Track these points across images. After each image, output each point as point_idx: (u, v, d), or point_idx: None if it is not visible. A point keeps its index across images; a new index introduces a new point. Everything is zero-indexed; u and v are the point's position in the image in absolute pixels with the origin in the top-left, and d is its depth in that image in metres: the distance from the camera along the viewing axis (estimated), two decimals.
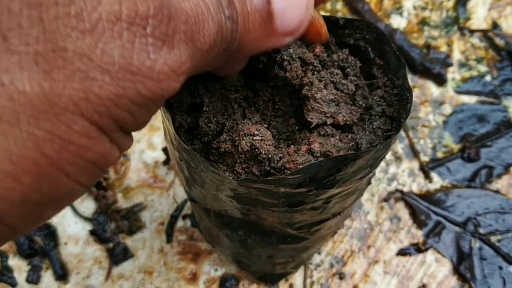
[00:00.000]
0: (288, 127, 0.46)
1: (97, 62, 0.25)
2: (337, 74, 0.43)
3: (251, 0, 0.32)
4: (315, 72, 0.44)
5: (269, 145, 0.40)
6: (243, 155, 0.39)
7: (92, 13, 0.25)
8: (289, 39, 0.35)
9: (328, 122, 0.43)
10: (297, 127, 0.46)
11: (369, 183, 0.50)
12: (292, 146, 0.42)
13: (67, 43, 0.24)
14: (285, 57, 0.43)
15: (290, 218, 0.45)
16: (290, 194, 0.40)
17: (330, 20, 0.45)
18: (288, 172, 0.38)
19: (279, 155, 0.40)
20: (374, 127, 0.43)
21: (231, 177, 0.40)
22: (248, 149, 0.39)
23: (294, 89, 0.44)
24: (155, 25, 0.27)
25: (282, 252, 0.55)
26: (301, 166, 0.38)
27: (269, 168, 0.40)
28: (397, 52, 0.42)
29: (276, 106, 0.47)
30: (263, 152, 0.39)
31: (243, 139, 0.39)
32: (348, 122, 0.44)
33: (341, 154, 0.41)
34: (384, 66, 0.44)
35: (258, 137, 0.39)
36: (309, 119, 0.43)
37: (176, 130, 0.40)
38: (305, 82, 0.43)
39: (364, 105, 0.44)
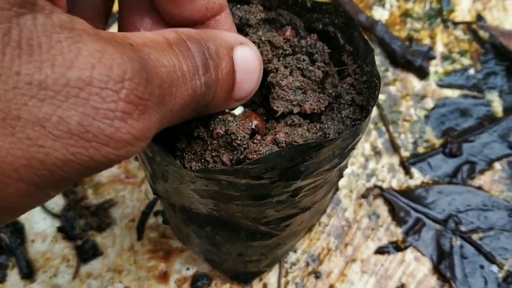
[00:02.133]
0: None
1: (50, 129, 0.25)
2: (303, 60, 0.41)
3: (222, 69, 0.34)
4: (281, 58, 0.42)
5: (245, 132, 0.38)
6: (215, 141, 0.37)
7: (58, 79, 0.25)
8: (239, 104, 0.38)
9: (295, 111, 0.41)
10: (265, 117, 0.44)
11: (340, 176, 0.48)
12: (257, 135, 0.40)
13: (21, 112, 0.24)
14: (255, 39, 0.41)
15: (256, 212, 0.43)
16: (253, 186, 0.37)
17: (298, 3, 0.43)
18: None
19: (248, 143, 0.38)
20: (343, 116, 0.41)
21: (188, 168, 0.38)
22: (223, 133, 0.37)
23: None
24: (132, 87, 0.27)
25: (252, 249, 0.52)
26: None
27: (242, 157, 0.38)
28: (365, 37, 0.40)
29: None
30: (239, 138, 0.37)
31: (218, 124, 0.37)
32: (316, 111, 0.42)
33: (310, 141, 0.39)
34: (353, 52, 0.42)
35: (232, 123, 0.37)
36: (274, 108, 0.41)
37: None
38: (270, 68, 0.41)
39: (333, 93, 0.42)
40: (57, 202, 0.67)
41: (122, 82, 0.26)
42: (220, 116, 0.37)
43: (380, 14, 0.80)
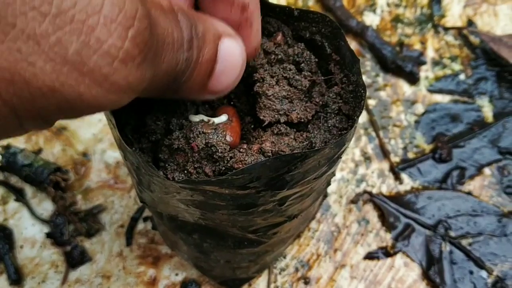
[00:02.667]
0: (244, 125, 0.44)
1: (45, 49, 0.23)
2: (290, 70, 0.41)
3: (204, 53, 0.33)
4: (269, 66, 0.42)
5: (225, 143, 0.37)
6: (196, 154, 0.37)
7: None
8: (212, 96, 0.37)
9: (282, 120, 0.41)
10: (252, 126, 0.44)
11: (328, 183, 0.48)
12: (244, 145, 0.40)
13: (18, 20, 0.22)
14: None
15: (243, 221, 0.42)
16: (238, 196, 0.37)
17: (285, 11, 0.43)
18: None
19: (230, 154, 0.38)
20: (329, 125, 0.41)
21: (170, 179, 0.37)
22: (203, 146, 0.37)
23: (250, 86, 0.42)
24: (140, 29, 0.25)
25: (240, 256, 0.52)
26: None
27: (224, 168, 0.38)
28: (351, 47, 0.40)
29: (232, 103, 0.45)
30: (219, 150, 0.37)
31: (198, 137, 0.37)
32: (303, 120, 0.42)
33: (295, 152, 0.38)
34: (340, 61, 0.42)
35: (213, 136, 0.37)
36: (261, 117, 0.41)
37: (118, 127, 0.38)
38: (256, 78, 0.41)
39: (320, 102, 0.42)
40: (46, 208, 0.66)
41: (133, 19, 0.25)
42: (200, 129, 0.37)
43: (371, 19, 0.80)
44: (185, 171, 0.38)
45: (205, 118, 0.40)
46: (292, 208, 0.43)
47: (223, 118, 0.40)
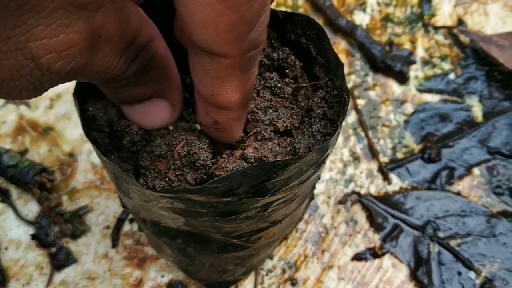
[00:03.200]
0: None
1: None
2: (271, 78, 0.40)
3: (140, 89, 0.35)
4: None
5: (207, 151, 0.37)
6: (178, 161, 0.37)
7: None
8: None
9: (269, 130, 0.41)
10: None
11: (313, 188, 0.47)
12: (227, 150, 0.39)
13: None
14: None
15: (226, 227, 0.42)
16: (219, 203, 0.37)
17: (270, 13, 0.42)
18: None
19: (213, 160, 0.37)
20: (313, 130, 0.41)
21: (151, 187, 0.37)
22: (185, 153, 0.36)
23: None
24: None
25: (225, 260, 0.52)
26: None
27: (205, 176, 0.37)
28: (335, 51, 0.39)
29: None
30: (201, 158, 0.36)
31: (180, 144, 0.36)
32: (289, 127, 0.41)
33: (276, 159, 0.38)
34: (325, 65, 0.41)
35: (195, 143, 0.37)
36: (247, 129, 0.41)
37: (88, 134, 0.37)
38: None
39: (305, 106, 0.42)
40: (31, 209, 0.66)
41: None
42: (183, 135, 0.37)
43: (361, 18, 0.80)
44: (167, 179, 0.38)
45: (186, 124, 0.39)
46: (275, 214, 0.43)
47: None
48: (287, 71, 0.42)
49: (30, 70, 0.27)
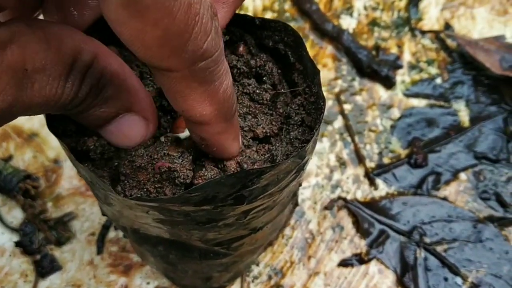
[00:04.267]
0: None
1: None
2: (249, 85, 0.40)
3: (98, 112, 0.35)
4: (236, 78, 0.41)
5: (189, 169, 0.36)
6: (158, 175, 0.36)
7: None
8: None
9: (248, 136, 0.40)
10: None
11: (294, 194, 0.47)
12: (209, 160, 0.39)
13: None
14: None
15: (204, 235, 0.42)
16: (195, 211, 0.36)
17: (246, 20, 0.42)
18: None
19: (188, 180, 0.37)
20: (291, 137, 0.40)
21: (128, 195, 0.37)
22: (166, 169, 0.36)
23: None
24: None
25: (208, 268, 0.52)
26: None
27: (184, 188, 0.37)
28: (311, 57, 0.39)
29: None
30: (182, 176, 0.36)
31: (162, 158, 0.36)
32: (268, 134, 0.41)
33: (251, 168, 0.38)
34: (303, 71, 0.41)
35: (178, 160, 0.36)
36: None
37: (59, 137, 0.37)
38: None
39: (284, 113, 0.42)
40: (15, 216, 0.65)
41: None
42: (166, 150, 0.36)
43: (347, 22, 0.80)
44: (145, 189, 0.37)
45: (170, 135, 0.39)
46: (256, 221, 0.42)
47: (187, 133, 0.39)
48: (264, 78, 0.42)
49: None
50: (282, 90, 0.42)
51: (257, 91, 0.41)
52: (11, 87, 0.28)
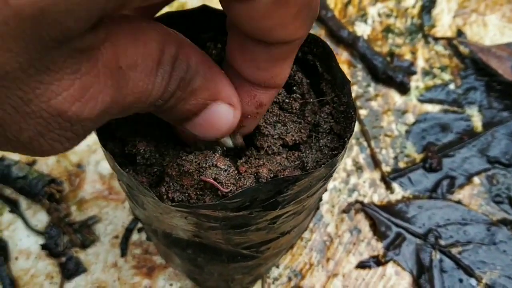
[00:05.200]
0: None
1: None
2: (279, 94, 0.42)
3: (184, 105, 0.34)
4: None
5: (232, 183, 0.38)
6: (202, 182, 0.38)
7: None
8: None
9: (278, 144, 0.42)
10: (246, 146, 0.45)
11: (320, 199, 0.48)
12: (241, 167, 0.41)
13: None
14: None
15: (236, 239, 0.43)
16: (231, 217, 0.38)
17: None
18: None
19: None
20: (321, 145, 0.42)
21: (170, 198, 0.38)
22: (212, 180, 0.37)
23: None
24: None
25: (234, 270, 0.53)
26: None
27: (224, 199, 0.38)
28: (341, 69, 0.40)
29: None
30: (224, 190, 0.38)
31: (209, 169, 0.37)
32: (298, 141, 0.42)
33: (284, 175, 0.39)
34: (332, 81, 0.43)
35: (224, 173, 0.38)
36: (258, 145, 0.42)
37: (104, 146, 0.39)
38: None
39: (312, 121, 0.43)
40: (40, 219, 0.67)
41: None
42: (214, 161, 0.37)
43: (362, 29, 0.81)
44: (186, 194, 0.39)
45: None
46: (284, 225, 0.44)
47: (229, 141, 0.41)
48: (294, 87, 0.43)
49: (58, 124, 0.27)
50: (311, 99, 0.43)
51: (287, 100, 0.42)
52: (109, 87, 0.28)
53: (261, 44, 0.32)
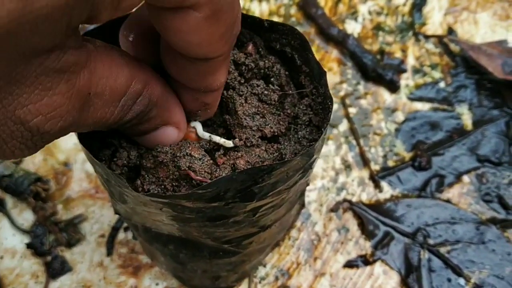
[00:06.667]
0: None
1: None
2: (258, 86, 0.42)
3: (140, 128, 0.37)
4: (236, 85, 0.42)
5: (207, 172, 0.38)
6: (177, 173, 0.38)
7: None
8: None
9: (256, 136, 0.42)
10: (226, 137, 0.44)
11: (302, 193, 0.48)
12: (219, 159, 0.40)
13: None
14: None
15: (215, 232, 0.43)
16: (207, 208, 0.38)
17: (256, 21, 0.43)
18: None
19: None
20: (299, 137, 0.42)
21: (146, 190, 0.38)
22: (186, 169, 0.37)
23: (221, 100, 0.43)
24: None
25: (217, 266, 0.53)
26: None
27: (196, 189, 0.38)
28: (317, 60, 0.40)
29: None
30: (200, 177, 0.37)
31: (183, 158, 0.37)
32: (276, 133, 0.42)
33: (262, 165, 0.39)
34: (310, 73, 0.42)
35: (198, 161, 0.38)
36: (236, 136, 0.42)
37: (80, 139, 0.38)
38: (225, 98, 0.42)
39: (292, 113, 0.43)
40: (26, 218, 0.67)
41: None
42: (188, 150, 0.38)
43: (352, 27, 0.81)
44: (162, 186, 0.39)
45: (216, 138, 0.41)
46: (264, 219, 0.44)
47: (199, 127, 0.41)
48: (272, 79, 0.43)
49: (21, 133, 0.28)
50: (290, 91, 0.43)
51: (265, 92, 0.42)
52: (75, 110, 0.29)
53: (189, 59, 0.34)
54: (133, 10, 0.32)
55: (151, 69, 0.36)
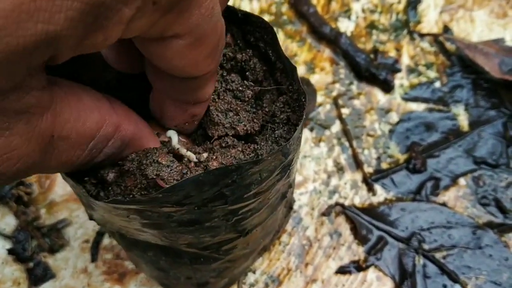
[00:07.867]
0: (196, 137, 0.42)
1: None
2: (233, 81, 0.40)
3: (116, 160, 0.36)
4: (224, 66, 0.41)
5: (176, 179, 0.36)
6: (145, 181, 0.35)
7: None
8: None
9: (229, 133, 0.40)
10: (203, 138, 0.42)
11: (284, 197, 0.46)
12: (191, 162, 0.38)
13: None
14: None
15: (189, 238, 0.41)
16: (176, 212, 0.35)
17: (230, 11, 0.41)
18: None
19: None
20: (276, 136, 0.40)
21: (103, 198, 0.36)
22: (154, 177, 0.35)
23: None
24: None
25: (200, 273, 0.51)
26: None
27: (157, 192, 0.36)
28: (286, 55, 0.38)
29: None
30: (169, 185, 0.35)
31: (150, 166, 0.35)
32: (249, 132, 0.40)
33: (228, 164, 0.37)
34: (284, 69, 0.40)
35: (166, 169, 0.35)
36: (209, 134, 0.40)
37: None
38: None
39: (270, 111, 0.41)
40: (8, 223, 0.65)
41: None
42: (155, 157, 0.35)
43: (345, 25, 0.79)
44: (131, 196, 0.36)
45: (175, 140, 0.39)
46: (243, 223, 0.41)
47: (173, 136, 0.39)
48: (247, 73, 0.41)
49: None
50: (268, 87, 0.41)
51: (240, 88, 0.40)
52: (35, 153, 0.28)
53: (177, 78, 0.34)
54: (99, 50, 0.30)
55: (124, 107, 0.35)
